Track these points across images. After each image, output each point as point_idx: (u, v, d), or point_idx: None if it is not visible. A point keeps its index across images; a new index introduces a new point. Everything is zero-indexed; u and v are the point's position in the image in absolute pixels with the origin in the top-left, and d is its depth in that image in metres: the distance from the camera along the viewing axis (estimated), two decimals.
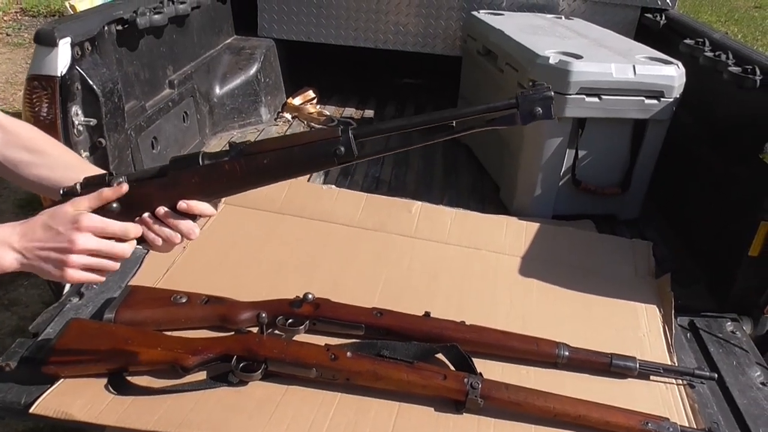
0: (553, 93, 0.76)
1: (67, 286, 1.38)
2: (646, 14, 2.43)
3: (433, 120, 0.80)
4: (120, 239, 0.81)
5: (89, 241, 0.78)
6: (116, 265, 0.82)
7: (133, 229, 0.81)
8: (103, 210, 0.80)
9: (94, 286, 1.34)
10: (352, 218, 1.66)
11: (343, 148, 0.79)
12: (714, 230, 1.65)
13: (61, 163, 0.92)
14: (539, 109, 0.76)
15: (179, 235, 0.83)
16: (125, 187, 0.81)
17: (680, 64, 1.75)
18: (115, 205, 0.81)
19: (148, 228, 0.83)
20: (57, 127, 1.37)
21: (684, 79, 1.73)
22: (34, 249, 0.77)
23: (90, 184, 0.83)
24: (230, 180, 0.82)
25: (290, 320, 1.21)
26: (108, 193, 0.80)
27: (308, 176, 2.07)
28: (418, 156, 2.32)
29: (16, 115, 1.10)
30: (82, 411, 1.00)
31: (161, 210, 0.82)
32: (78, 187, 0.83)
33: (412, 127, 0.80)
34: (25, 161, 0.91)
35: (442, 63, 2.61)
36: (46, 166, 0.91)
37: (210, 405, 1.04)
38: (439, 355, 1.17)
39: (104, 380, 1.06)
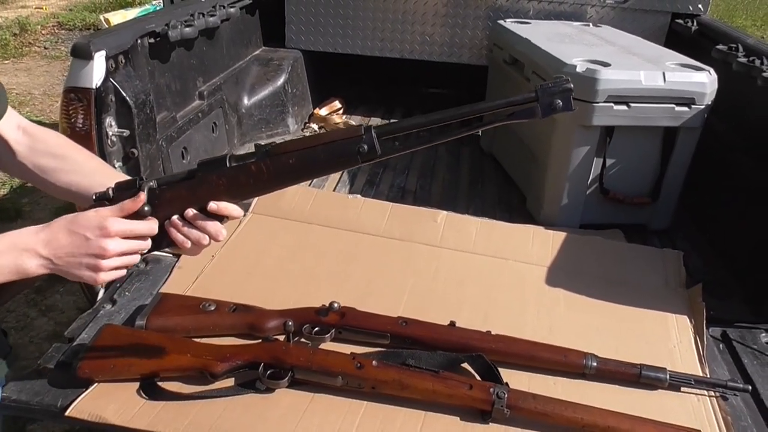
0: (572, 85, 0.75)
1: (101, 293, 1.42)
2: (676, 20, 2.40)
3: (455, 116, 0.80)
4: (143, 237, 0.84)
5: (119, 246, 0.81)
6: (138, 259, 0.85)
7: (156, 224, 0.84)
8: (134, 215, 0.82)
9: (127, 293, 1.38)
10: (378, 228, 1.66)
11: (366, 146, 0.80)
12: (749, 239, 1.61)
13: (88, 168, 0.95)
14: (559, 101, 0.76)
15: (207, 237, 0.85)
16: (143, 197, 0.83)
17: (712, 70, 1.72)
18: (146, 208, 0.83)
19: (178, 230, 0.85)
20: (92, 138, 1.41)
21: (716, 86, 1.70)
22: (65, 256, 0.79)
23: (121, 189, 0.85)
24: (257, 181, 0.83)
25: (316, 329, 1.22)
26: (129, 204, 0.82)
27: (334, 186, 2.09)
28: (444, 166, 2.33)
29: (53, 126, 1.13)
30: (116, 415, 1.03)
31: (190, 212, 0.84)
32: (110, 192, 0.85)
33: (434, 123, 0.81)
34: (54, 167, 0.94)
35: (468, 72, 2.61)
36: (75, 172, 0.93)
37: (238, 411, 1.05)
38: (465, 365, 1.16)
39: (136, 385, 1.09)
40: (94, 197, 0.86)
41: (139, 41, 1.63)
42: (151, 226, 0.84)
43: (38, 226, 0.81)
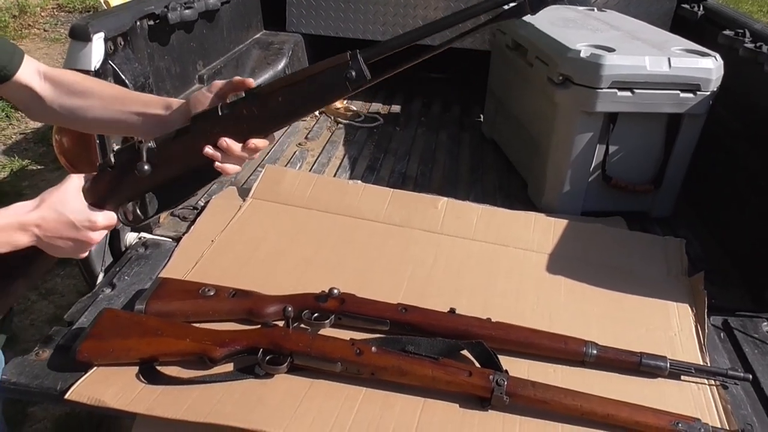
0: None
1: (100, 277, 1.42)
2: (682, 5, 2.37)
3: (439, 26, 0.78)
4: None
5: (101, 236, 0.88)
6: None
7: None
8: (136, 171, 0.84)
9: (126, 278, 1.38)
10: (378, 214, 1.66)
11: (354, 72, 0.78)
12: (751, 228, 1.60)
13: (110, 98, 0.96)
14: None
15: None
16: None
17: (718, 56, 1.69)
18: (146, 167, 0.84)
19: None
20: None
21: (722, 72, 1.68)
22: (53, 236, 0.84)
23: (122, 153, 0.87)
24: (251, 123, 0.83)
25: (316, 314, 1.22)
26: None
27: (335, 172, 2.08)
28: (445, 152, 2.31)
29: None
30: (114, 398, 1.03)
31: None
32: (112, 159, 0.87)
33: (420, 37, 0.78)
34: (78, 106, 0.96)
35: (471, 58, 2.58)
36: (100, 107, 0.95)
37: (236, 396, 1.05)
38: (465, 352, 1.16)
39: (135, 369, 1.09)
40: (98, 165, 0.88)
41: (138, 23, 1.61)
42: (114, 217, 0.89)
43: (30, 202, 0.84)
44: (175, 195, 0.89)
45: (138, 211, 0.90)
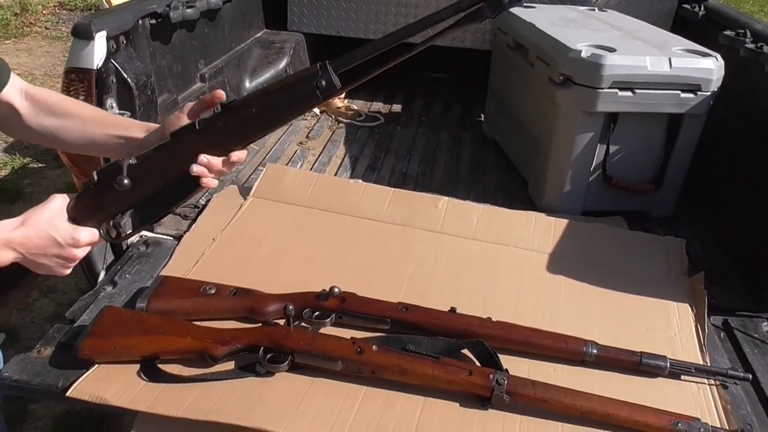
0: None
1: (102, 275, 1.42)
2: (683, 5, 2.37)
3: (405, 33, 0.81)
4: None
5: (84, 252, 0.90)
6: None
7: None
8: (116, 185, 0.86)
9: (127, 276, 1.38)
10: (379, 213, 1.66)
11: (324, 82, 0.81)
12: (751, 228, 1.60)
13: (89, 120, 0.98)
14: None
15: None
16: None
17: (719, 56, 1.69)
18: (126, 181, 0.86)
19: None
20: None
21: (722, 72, 1.68)
22: (37, 254, 0.87)
23: (104, 172, 0.89)
24: (227, 135, 0.85)
25: (317, 313, 1.22)
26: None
27: (335, 171, 2.08)
28: (446, 151, 2.31)
29: None
30: (116, 396, 1.03)
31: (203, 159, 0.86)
32: (95, 177, 0.89)
33: (386, 46, 0.81)
34: (58, 126, 0.97)
35: (472, 57, 2.58)
36: (78, 128, 0.97)
37: (237, 395, 1.06)
38: (465, 351, 1.16)
39: (136, 367, 1.09)
40: (83, 184, 0.91)
41: (140, 22, 1.61)
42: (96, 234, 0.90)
43: (14, 220, 0.85)
44: (156, 210, 0.92)
45: (120, 227, 0.91)
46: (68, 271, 0.91)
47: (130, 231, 0.92)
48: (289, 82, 0.84)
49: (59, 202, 0.88)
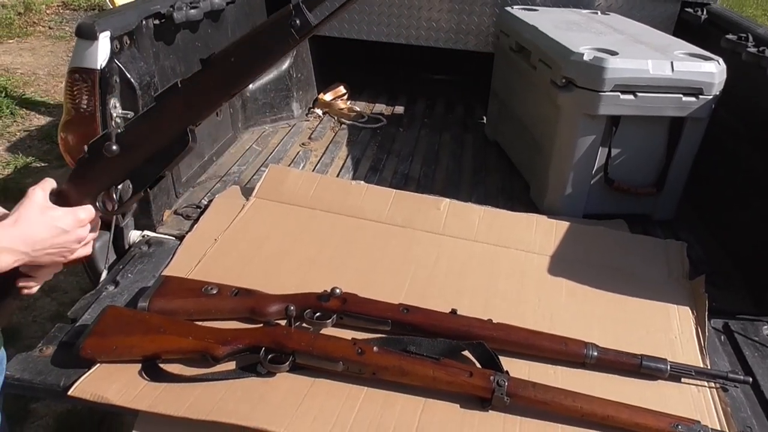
0: None
1: (104, 275, 1.42)
2: (686, 9, 2.37)
3: None
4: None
5: (87, 231, 0.88)
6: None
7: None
8: (104, 152, 0.85)
9: (129, 275, 1.38)
10: (381, 214, 1.66)
11: (298, 21, 0.82)
12: (753, 231, 1.60)
13: None
14: None
15: None
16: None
17: (721, 60, 1.70)
18: (114, 147, 0.86)
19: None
20: (96, 119, 1.41)
21: (724, 76, 1.68)
22: (46, 248, 0.83)
23: (93, 142, 0.88)
24: (210, 89, 0.86)
25: (318, 314, 1.22)
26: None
27: (338, 172, 2.09)
28: (448, 153, 2.32)
29: (58, 106, 1.13)
30: (117, 395, 1.03)
31: None
32: (85, 148, 0.88)
33: None
34: None
35: (474, 59, 2.58)
36: None
37: (239, 395, 1.06)
38: (466, 353, 1.17)
39: (138, 366, 1.10)
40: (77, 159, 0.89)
41: (144, 22, 1.62)
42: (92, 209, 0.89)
43: (9, 222, 0.81)
44: (148, 176, 0.91)
45: (114, 197, 0.91)
46: (71, 257, 0.89)
47: (127, 199, 0.91)
48: (265, 26, 0.85)
49: (41, 193, 0.85)
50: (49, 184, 0.87)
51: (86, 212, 0.87)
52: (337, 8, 0.84)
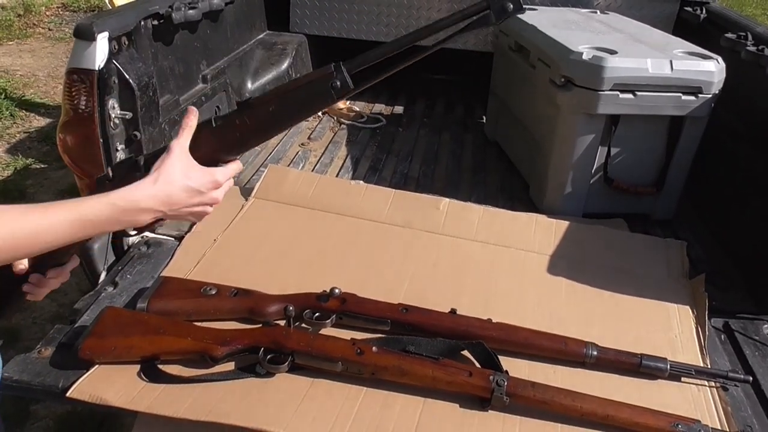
0: None
1: (103, 275, 1.42)
2: (685, 8, 2.37)
3: (415, 38, 0.86)
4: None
5: (225, 191, 0.88)
6: None
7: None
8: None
9: (128, 276, 1.38)
10: (380, 214, 1.66)
11: (338, 82, 0.84)
12: (753, 230, 1.60)
13: None
14: (510, 4, 0.80)
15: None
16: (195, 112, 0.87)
17: (720, 59, 1.69)
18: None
19: None
20: (95, 120, 1.40)
21: (724, 75, 1.68)
22: (180, 208, 0.84)
23: (120, 166, 0.88)
24: (243, 133, 0.87)
25: (317, 314, 1.22)
26: (193, 120, 0.86)
27: (337, 172, 2.08)
28: (447, 153, 2.31)
29: (57, 107, 1.13)
30: (116, 397, 1.03)
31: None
32: (110, 172, 0.88)
33: (397, 49, 0.85)
34: None
35: (474, 59, 2.58)
36: None
37: (238, 395, 1.06)
38: (465, 353, 1.16)
39: (137, 367, 1.09)
40: (96, 179, 0.88)
41: (142, 23, 1.61)
42: (239, 164, 0.90)
43: (151, 180, 0.81)
44: None
45: None
46: (206, 217, 0.89)
47: None
48: (306, 81, 0.86)
49: (182, 151, 0.84)
50: (187, 135, 0.85)
51: (222, 174, 0.86)
52: (377, 77, 0.87)
